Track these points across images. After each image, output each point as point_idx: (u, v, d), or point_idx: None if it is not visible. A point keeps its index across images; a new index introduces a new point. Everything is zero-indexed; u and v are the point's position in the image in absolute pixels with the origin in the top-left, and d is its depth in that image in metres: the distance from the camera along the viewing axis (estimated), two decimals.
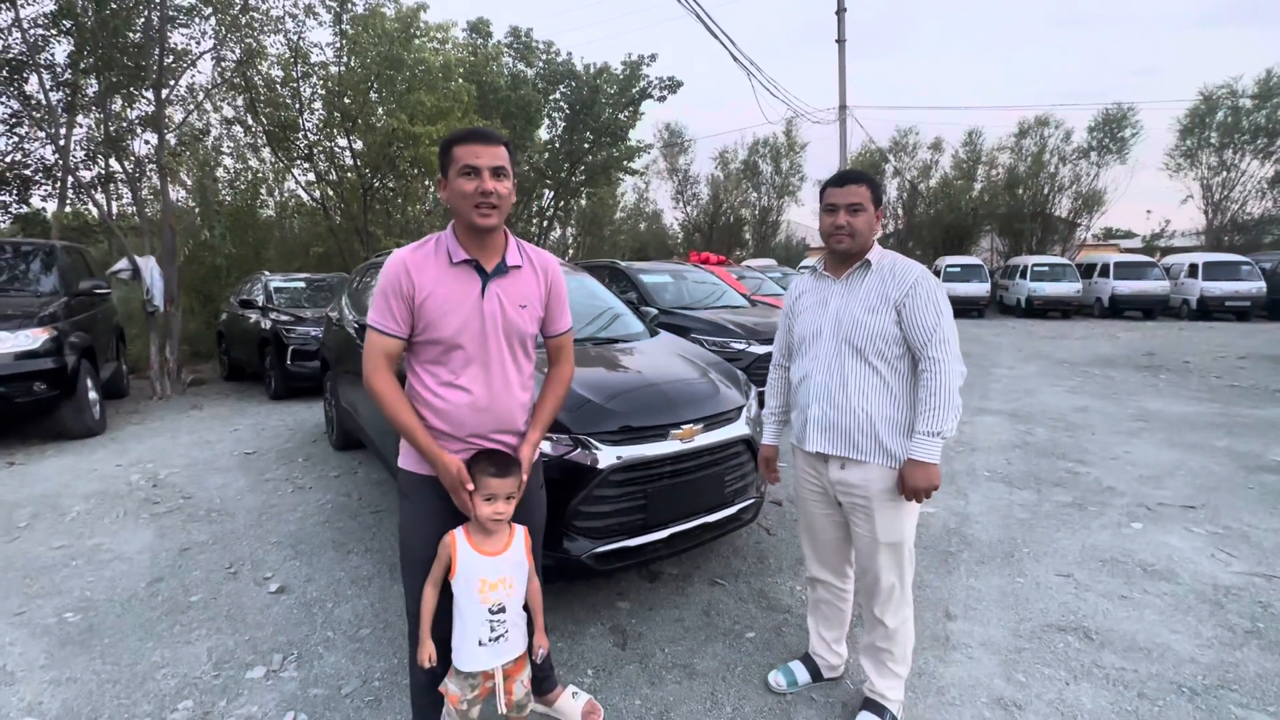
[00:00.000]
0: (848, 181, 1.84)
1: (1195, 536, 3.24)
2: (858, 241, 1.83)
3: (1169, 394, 6.82)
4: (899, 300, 1.77)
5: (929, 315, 1.75)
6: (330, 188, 11.21)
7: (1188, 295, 16.56)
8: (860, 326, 1.81)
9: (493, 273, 1.59)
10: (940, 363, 1.72)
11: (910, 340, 1.78)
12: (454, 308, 1.54)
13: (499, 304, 1.59)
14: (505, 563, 1.56)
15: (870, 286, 1.83)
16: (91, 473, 4.46)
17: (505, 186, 1.53)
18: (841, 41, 16.67)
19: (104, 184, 8.80)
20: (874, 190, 1.83)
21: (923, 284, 1.77)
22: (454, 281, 1.55)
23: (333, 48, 10.11)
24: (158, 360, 7.28)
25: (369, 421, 3.80)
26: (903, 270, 1.81)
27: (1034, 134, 23.39)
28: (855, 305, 1.83)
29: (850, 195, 1.81)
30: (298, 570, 2.96)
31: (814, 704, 2.03)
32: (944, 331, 1.74)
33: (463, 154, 1.49)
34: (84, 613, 2.60)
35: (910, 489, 1.74)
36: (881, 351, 1.79)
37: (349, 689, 2.11)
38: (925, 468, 1.71)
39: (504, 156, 1.52)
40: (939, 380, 1.72)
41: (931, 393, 1.72)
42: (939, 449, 1.72)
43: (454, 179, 1.51)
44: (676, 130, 26.73)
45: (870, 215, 1.82)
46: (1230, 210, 22.24)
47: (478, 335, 1.56)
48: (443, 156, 1.55)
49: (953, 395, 1.72)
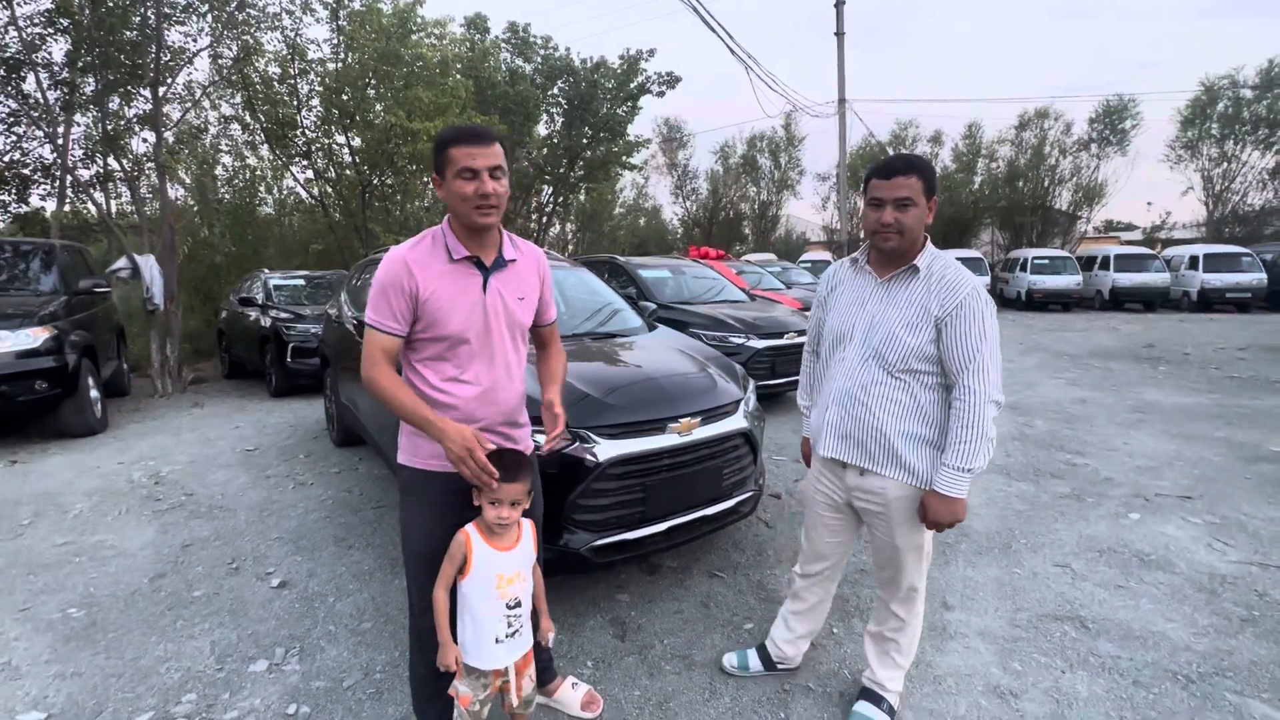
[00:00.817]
0: (895, 172, 1.63)
1: (1192, 526, 3.25)
2: (906, 239, 1.65)
3: (1168, 385, 6.83)
4: (941, 316, 1.62)
5: (971, 340, 1.60)
6: (329, 185, 11.20)
7: (1188, 287, 16.55)
8: (894, 342, 1.67)
9: (492, 267, 1.60)
10: (976, 394, 1.59)
11: (946, 362, 1.64)
12: (458, 304, 1.55)
13: (500, 298, 1.60)
14: (518, 556, 1.57)
15: (913, 296, 1.67)
16: (94, 470, 4.48)
17: (503, 185, 1.53)
18: (840, 34, 16.62)
19: (102, 183, 8.80)
20: (926, 179, 1.63)
21: (971, 303, 1.60)
22: (455, 278, 1.56)
23: (330, 44, 10.10)
24: (159, 358, 7.29)
25: (369, 417, 3.81)
26: (953, 282, 1.64)
27: (1034, 126, 23.38)
28: (893, 316, 1.69)
29: (898, 189, 1.62)
30: (299, 565, 2.98)
31: (811, 693, 2.05)
32: (984, 359, 1.60)
33: (459, 156, 1.47)
34: (88, 608, 2.62)
35: (932, 521, 1.66)
36: (913, 368, 1.67)
37: (350, 681, 2.13)
38: (950, 502, 1.62)
39: (500, 155, 1.51)
40: (972, 413, 1.59)
41: (964, 425, 1.60)
42: (967, 484, 1.62)
43: (451, 180, 1.50)
44: (675, 125, 26.69)
45: (922, 209, 1.64)
46: (1231, 202, 22.22)
47: (482, 330, 1.57)
48: (437, 155, 1.54)
49: (985, 430, 1.59)
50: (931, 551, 1.86)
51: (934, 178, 1.68)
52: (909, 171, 1.63)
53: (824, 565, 2.02)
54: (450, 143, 1.50)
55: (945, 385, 1.70)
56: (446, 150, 1.50)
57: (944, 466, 1.63)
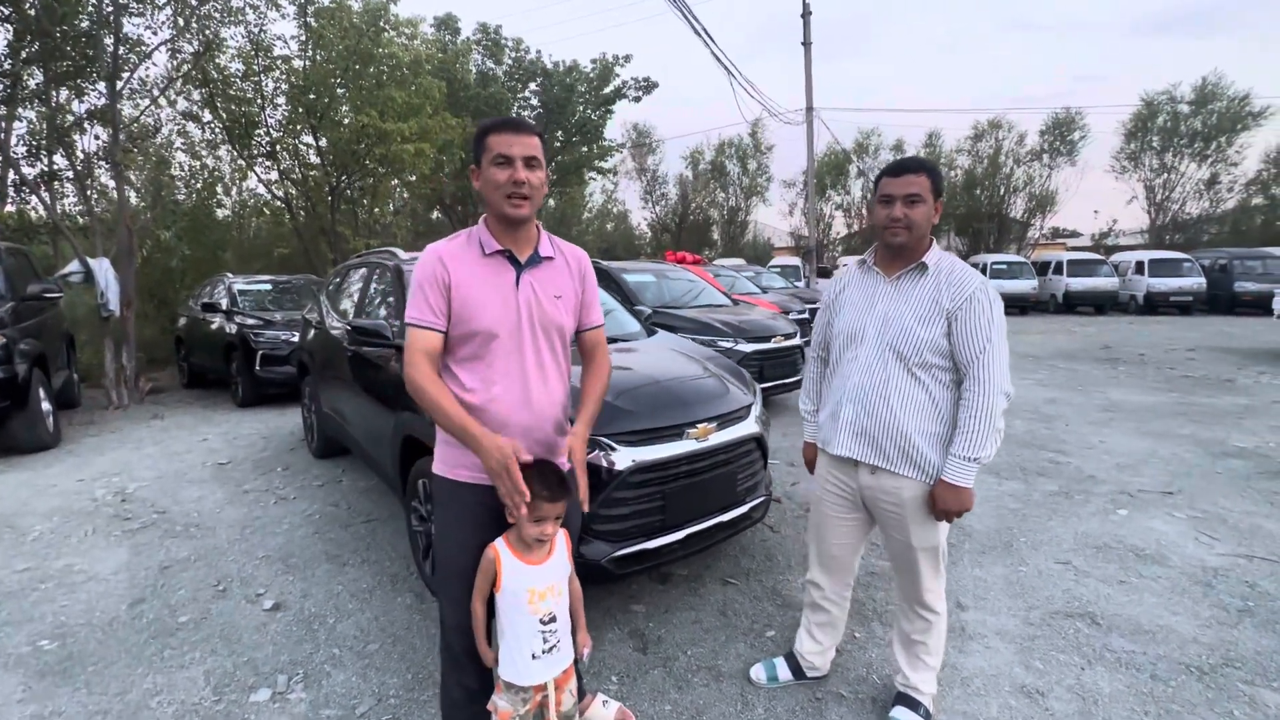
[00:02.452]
0: (905, 171, 1.71)
1: (1177, 521, 3.37)
2: (915, 235, 1.72)
3: (1130, 385, 7.13)
4: (952, 310, 1.67)
5: (981, 332, 1.65)
6: (294, 186, 10.81)
7: (1135, 291, 17.38)
8: (908, 335, 1.71)
9: (526, 263, 1.55)
10: (985, 384, 1.64)
11: (957, 355, 1.69)
12: (489, 298, 1.50)
13: (533, 294, 1.55)
14: (551, 569, 1.51)
15: (924, 292, 1.73)
16: (50, 489, 4.17)
17: (538, 177, 1.50)
18: (808, 44, 16.93)
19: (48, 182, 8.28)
20: (934, 180, 1.71)
21: (980, 296, 1.67)
22: (488, 272, 1.52)
23: (297, 41, 9.75)
24: (113, 368, 6.89)
25: (358, 427, 3.66)
26: (960, 278, 1.70)
27: (989, 137, 24.27)
28: (905, 311, 1.73)
29: (908, 185, 1.70)
30: (292, 585, 2.82)
31: (844, 700, 2.02)
32: (994, 351, 1.65)
33: (496, 143, 1.45)
34: (61, 639, 2.42)
35: (941, 510, 1.71)
36: (927, 362, 1.71)
37: (364, 709, 2.01)
38: (958, 491, 1.67)
39: (537, 146, 1.49)
40: (980, 402, 1.64)
41: (972, 415, 1.65)
42: (974, 473, 1.66)
43: (487, 167, 1.48)
44: (644, 130, 26.77)
45: (929, 207, 1.71)
46: (1171, 210, 23.48)
47: (514, 327, 1.52)
48: (476, 145, 1.52)
49: (994, 420, 1.64)
50: (947, 551, 1.87)
51: (941, 180, 1.77)
52: (919, 170, 1.72)
53: (836, 568, 2.01)
54: (489, 130, 1.49)
55: (957, 382, 1.73)
56: (485, 138, 1.49)
57: (952, 456, 1.67)
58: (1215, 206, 23.16)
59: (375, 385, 3.26)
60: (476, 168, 1.53)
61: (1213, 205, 23.09)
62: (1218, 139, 21.93)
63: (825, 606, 2.06)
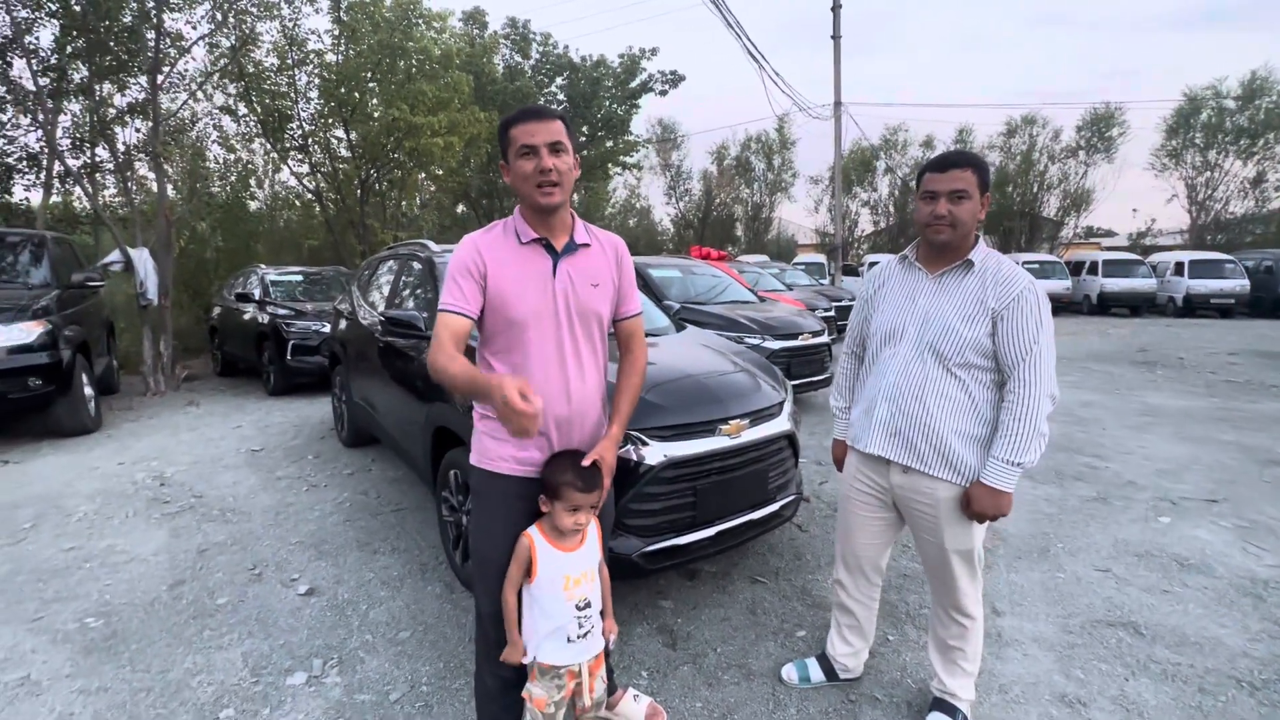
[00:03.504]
0: (950, 166, 1.65)
1: (1223, 530, 3.25)
2: (959, 233, 1.65)
3: (1168, 389, 6.91)
4: (998, 310, 1.62)
5: (1028, 333, 1.59)
6: (325, 179, 10.97)
7: (1174, 292, 16.84)
8: (951, 334, 1.66)
9: (562, 251, 1.54)
10: (1031, 387, 1.59)
11: (1001, 357, 1.63)
12: (525, 286, 1.49)
13: (570, 282, 1.53)
14: (584, 556, 1.54)
15: (969, 290, 1.66)
16: (93, 471, 4.31)
17: (565, 162, 1.48)
18: (837, 38, 16.67)
19: (90, 173, 8.53)
20: (981, 174, 1.65)
21: (1028, 296, 1.60)
22: (524, 261, 1.51)
23: (330, 35, 9.89)
24: (151, 355, 7.08)
25: (388, 417, 3.70)
26: (1008, 276, 1.64)
27: (1022, 133, 23.68)
28: (949, 309, 1.68)
29: (953, 181, 1.63)
30: (325, 571, 2.87)
31: (878, 704, 1.99)
32: (1040, 352, 1.59)
33: (519, 134, 1.44)
34: (105, 618, 2.49)
35: (977, 512, 1.66)
36: (969, 361, 1.65)
37: (396, 695, 2.03)
38: (996, 495, 1.62)
39: (560, 131, 1.47)
40: (1026, 406, 1.58)
41: (1016, 418, 1.59)
42: (1015, 478, 1.61)
43: (514, 161, 1.47)
44: (669, 125, 26.65)
45: (975, 203, 1.64)
46: (1214, 209, 22.68)
47: (551, 315, 1.51)
48: (501, 140, 1.51)
49: (1039, 424, 1.59)
50: (983, 555, 1.82)
51: (988, 174, 1.69)
52: (964, 165, 1.65)
53: (864, 569, 1.98)
54: (510, 124, 1.48)
55: (999, 383, 1.68)
56: (507, 132, 1.48)
57: (993, 459, 1.62)
58: (1261, 206, 22.32)
59: (407, 376, 3.29)
60: (505, 163, 1.52)
61: (1258, 204, 22.25)
62: (1265, 135, 21.10)
63: (852, 608, 2.03)
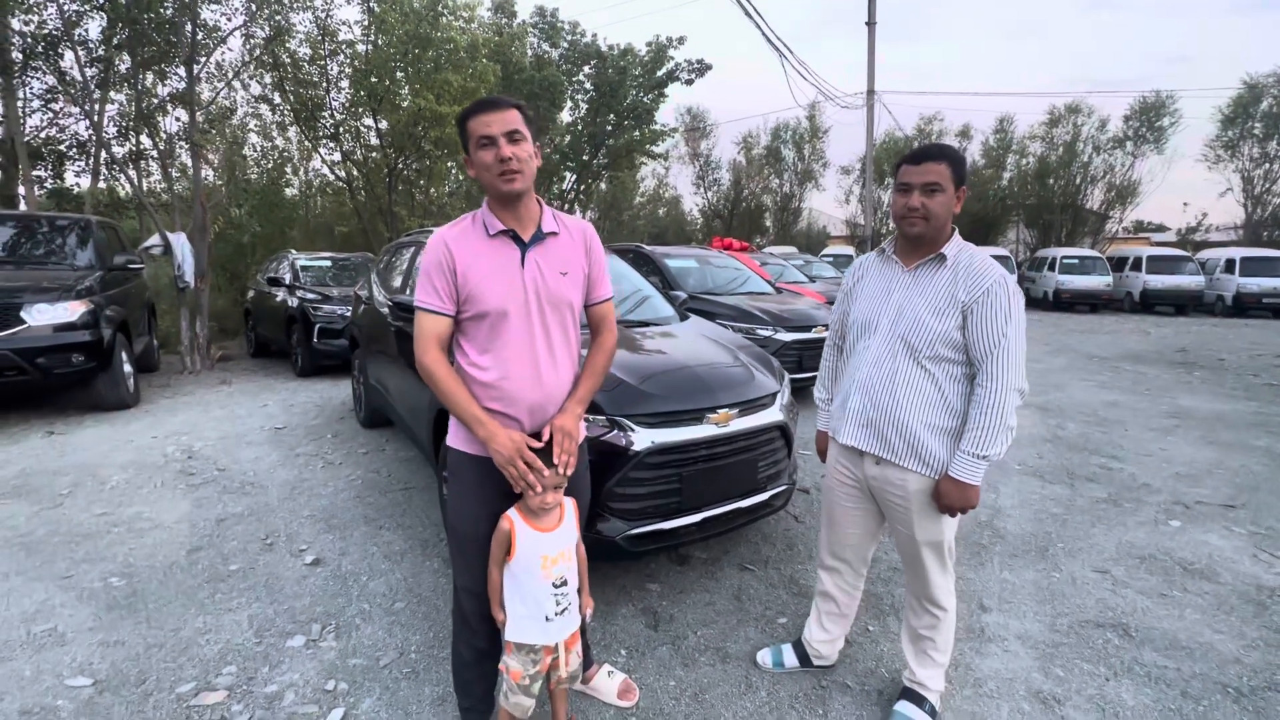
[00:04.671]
0: (924, 159, 1.66)
1: (1236, 536, 3.16)
2: (933, 225, 1.67)
3: (1203, 391, 6.65)
4: (968, 303, 1.63)
5: (997, 326, 1.61)
6: (355, 167, 11.25)
7: (1223, 291, 16.10)
8: (921, 327, 1.68)
9: (530, 241, 1.58)
10: (998, 381, 1.60)
11: (971, 350, 1.65)
12: (495, 278, 1.53)
13: (539, 271, 1.57)
14: (561, 536, 1.59)
15: (940, 284, 1.68)
16: (128, 444, 4.56)
17: (525, 150, 1.50)
18: (871, 24, 16.27)
19: (135, 160, 8.91)
20: (955, 167, 1.65)
21: (998, 290, 1.61)
22: (493, 253, 1.55)
23: (360, 25, 10.09)
24: (188, 336, 7.40)
25: (398, 399, 3.83)
26: (979, 270, 1.65)
27: (1066, 122, 22.75)
28: (920, 303, 1.70)
29: (926, 174, 1.64)
30: (331, 544, 3.01)
31: (849, 691, 2.02)
32: (1009, 346, 1.61)
33: (476, 126, 1.48)
34: (128, 578, 2.67)
35: (945, 505, 1.68)
36: (940, 355, 1.67)
37: (386, 660, 2.14)
38: (964, 488, 1.64)
39: (517, 120, 1.49)
40: (993, 400, 1.60)
41: (983, 411, 1.61)
42: (982, 471, 1.63)
43: (475, 153, 1.51)
44: (698, 114, 26.40)
45: (949, 196, 1.65)
46: (1271, 204, 21.52)
47: (521, 305, 1.55)
48: (461, 135, 1.55)
49: (1006, 418, 1.60)
50: (954, 548, 1.83)
51: (964, 167, 1.70)
52: (938, 158, 1.66)
53: (847, 558, 2.00)
54: (467, 116, 1.51)
55: (971, 376, 1.69)
56: (465, 124, 1.51)
57: (961, 452, 1.64)
58: None
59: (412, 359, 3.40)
60: (468, 156, 1.54)
61: None
62: None
63: (835, 596, 2.05)
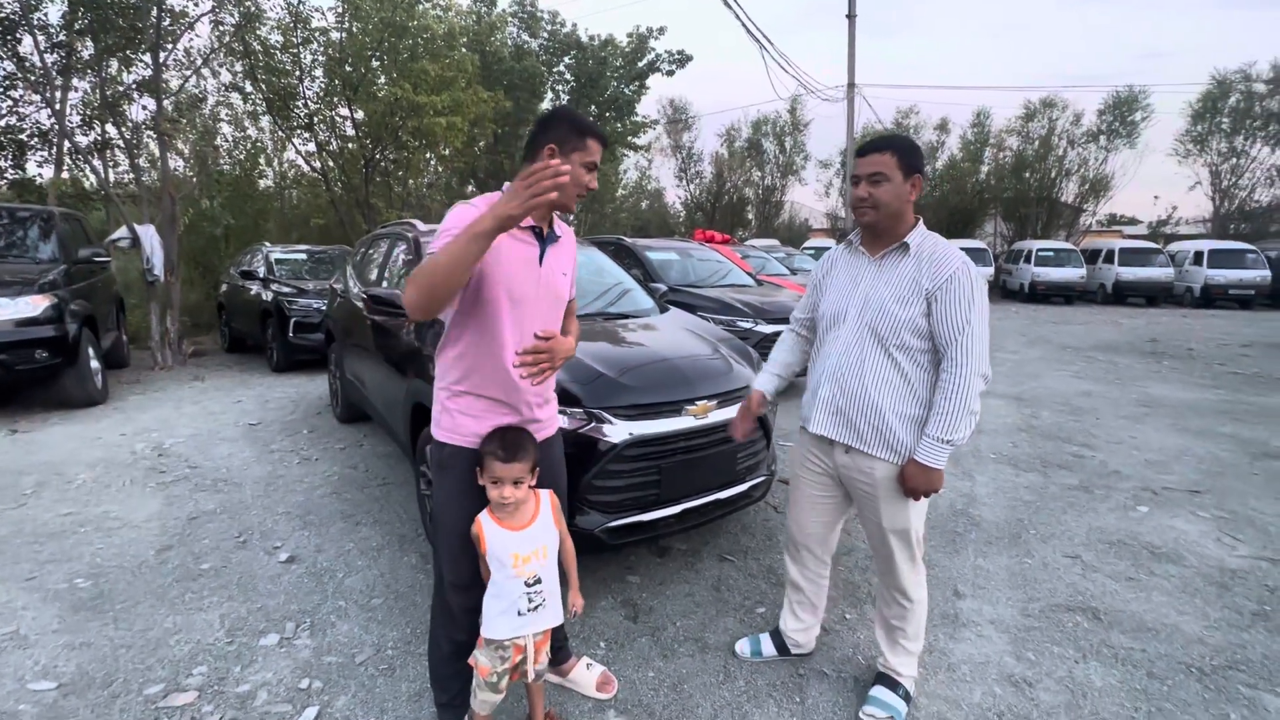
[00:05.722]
0: (869, 150, 1.72)
1: (1201, 520, 3.25)
2: (883, 214, 1.71)
3: (1173, 380, 6.82)
4: (931, 291, 1.66)
5: (960, 313, 1.64)
6: (331, 158, 11.03)
7: (1191, 283, 16.50)
8: (886, 315, 1.71)
9: (547, 240, 1.63)
10: (962, 367, 1.63)
11: (936, 336, 1.68)
12: (516, 268, 1.56)
13: (551, 270, 1.64)
14: (535, 534, 1.57)
15: (905, 272, 1.72)
16: (96, 441, 4.44)
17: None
18: (852, 17, 16.34)
19: (100, 150, 8.64)
20: (902, 156, 1.69)
21: (961, 277, 1.64)
22: (518, 242, 1.57)
23: (334, 12, 9.87)
24: (159, 330, 7.22)
25: (375, 393, 3.78)
26: (941, 258, 1.68)
27: (1041, 116, 23.05)
28: (885, 291, 1.73)
29: (870, 165, 1.70)
30: (307, 540, 2.96)
31: (826, 678, 2.04)
32: (973, 332, 1.63)
33: (596, 151, 1.55)
34: (95, 579, 2.60)
35: (909, 489, 1.71)
36: (906, 343, 1.70)
37: (363, 657, 2.12)
38: (928, 471, 1.67)
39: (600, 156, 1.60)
40: (957, 384, 1.63)
41: (947, 396, 1.64)
42: (946, 455, 1.66)
43: (578, 165, 1.53)
44: (680, 106, 26.30)
45: (897, 185, 1.69)
46: (1238, 198, 22.07)
47: (532, 297, 1.59)
48: (576, 136, 1.52)
49: (969, 403, 1.63)
50: (923, 540, 1.85)
51: (913, 155, 1.71)
52: (882, 149, 1.71)
53: (813, 546, 2.02)
54: (594, 135, 1.56)
55: (936, 364, 1.72)
56: (588, 139, 1.54)
57: (926, 436, 1.67)
58: None
59: (390, 353, 3.35)
60: (557, 149, 1.50)
61: None
62: None
63: (802, 584, 2.08)
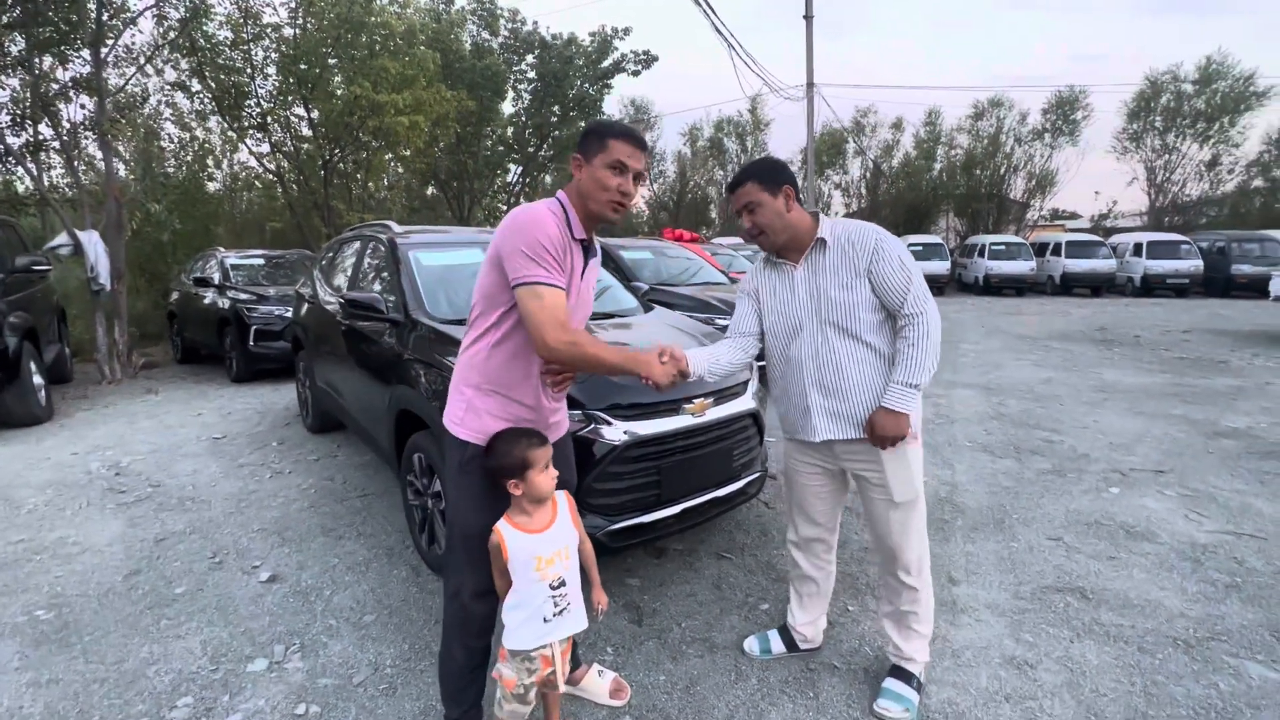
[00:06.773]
0: (735, 187, 1.82)
1: (1168, 499, 3.40)
2: (775, 234, 1.79)
3: (1124, 366, 7.15)
4: (867, 267, 1.74)
5: (898, 271, 1.72)
6: (286, 159, 10.62)
7: (1132, 273, 17.38)
8: (839, 307, 1.77)
9: (589, 253, 1.66)
10: (920, 316, 1.71)
11: (887, 302, 1.75)
12: (569, 280, 1.57)
13: (588, 282, 1.68)
14: (556, 535, 1.54)
15: (835, 264, 1.78)
16: (44, 461, 4.16)
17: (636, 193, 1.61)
18: (809, 17, 16.61)
19: (33, 152, 8.11)
20: (762, 179, 1.77)
21: (885, 245, 1.74)
22: (569, 255, 1.57)
23: (286, 8, 9.50)
24: (106, 342, 6.83)
25: (353, 402, 3.64)
26: (858, 236, 1.77)
27: (989, 115, 23.97)
28: (827, 285, 1.78)
29: (741, 199, 1.79)
30: (288, 558, 2.83)
31: (837, 671, 2.05)
32: (917, 284, 1.72)
33: (620, 150, 1.51)
34: (57, 609, 2.43)
35: (878, 436, 1.75)
36: (865, 320, 1.76)
37: (360, 678, 2.03)
38: (896, 416, 1.72)
39: (645, 164, 1.58)
40: (920, 331, 1.71)
41: (912, 344, 1.71)
42: (914, 399, 1.72)
43: (600, 168, 1.52)
44: (643, 106, 26.36)
45: (771, 204, 1.77)
46: (1171, 192, 23.35)
47: (571, 308, 1.58)
48: (597, 139, 1.54)
49: (933, 346, 1.72)
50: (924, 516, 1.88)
51: (772, 174, 1.79)
52: (744, 180, 1.80)
53: (818, 536, 2.04)
54: (617, 135, 1.53)
55: (895, 328, 1.79)
56: (608, 139, 1.52)
57: (893, 383, 1.73)
58: (1215, 188, 23.08)
59: (370, 359, 3.23)
60: (581, 158, 1.55)
61: (1213, 187, 23.00)
62: (1220, 119, 21.74)
63: (811, 575, 2.08)
